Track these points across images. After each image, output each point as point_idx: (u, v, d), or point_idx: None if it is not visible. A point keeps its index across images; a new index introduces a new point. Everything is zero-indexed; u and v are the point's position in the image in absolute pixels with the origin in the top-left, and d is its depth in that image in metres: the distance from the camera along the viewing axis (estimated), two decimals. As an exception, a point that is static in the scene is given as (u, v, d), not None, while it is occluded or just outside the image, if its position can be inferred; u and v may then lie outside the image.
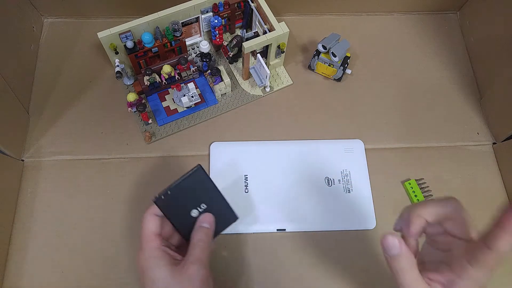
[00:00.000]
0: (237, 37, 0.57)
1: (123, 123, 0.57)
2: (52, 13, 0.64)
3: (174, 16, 0.55)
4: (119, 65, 0.55)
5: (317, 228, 0.52)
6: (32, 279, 0.48)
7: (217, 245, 0.51)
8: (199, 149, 0.56)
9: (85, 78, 0.60)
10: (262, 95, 0.60)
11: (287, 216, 0.52)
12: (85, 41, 0.63)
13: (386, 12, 0.68)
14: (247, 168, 0.54)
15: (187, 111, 0.58)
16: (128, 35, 0.53)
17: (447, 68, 0.64)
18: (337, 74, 0.60)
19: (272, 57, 0.59)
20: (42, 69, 0.60)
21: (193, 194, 0.41)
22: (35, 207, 0.52)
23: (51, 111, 0.58)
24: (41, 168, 0.54)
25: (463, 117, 0.60)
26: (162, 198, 0.39)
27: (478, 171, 0.57)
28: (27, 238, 0.50)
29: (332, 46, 0.58)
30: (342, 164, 0.55)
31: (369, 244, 0.52)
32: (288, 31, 0.54)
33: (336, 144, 0.57)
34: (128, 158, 0.55)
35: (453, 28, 0.68)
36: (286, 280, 0.49)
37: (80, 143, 0.56)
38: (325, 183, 0.54)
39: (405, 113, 0.60)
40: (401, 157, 0.57)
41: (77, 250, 0.50)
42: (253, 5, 0.57)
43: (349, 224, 0.52)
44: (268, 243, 0.51)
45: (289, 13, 0.67)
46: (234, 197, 0.52)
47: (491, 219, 0.29)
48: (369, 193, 0.54)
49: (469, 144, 0.59)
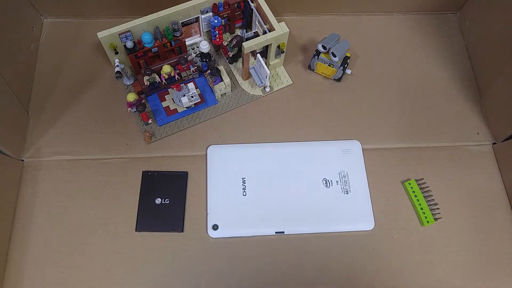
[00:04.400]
0: (237, 37, 0.57)
1: (123, 123, 0.57)
2: (52, 13, 0.64)
3: (174, 16, 0.55)
4: (119, 65, 0.55)
5: (315, 230, 0.52)
6: (32, 279, 0.48)
7: (216, 249, 0.51)
8: (199, 149, 0.56)
9: (85, 78, 0.60)
10: (262, 95, 0.60)
11: (285, 219, 0.52)
12: (85, 41, 0.63)
13: (386, 12, 0.68)
14: (245, 171, 0.54)
15: (187, 111, 0.58)
16: (128, 35, 0.53)
17: (447, 68, 0.64)
18: (337, 74, 0.60)
19: (272, 57, 0.59)
20: (42, 69, 0.60)
21: (167, 187, 0.53)
22: (35, 207, 0.52)
23: (51, 111, 0.58)
24: (41, 168, 0.54)
25: (463, 117, 0.60)
26: (149, 174, 0.53)
27: (478, 171, 0.57)
28: (27, 238, 0.50)
29: (332, 46, 0.58)
30: (340, 165, 0.55)
31: (368, 245, 0.52)
32: (288, 31, 0.54)
33: (333, 145, 0.57)
34: (128, 158, 0.55)
35: (453, 28, 0.68)
36: (285, 283, 0.49)
37: (80, 143, 0.56)
38: (323, 184, 0.54)
39: (405, 113, 0.60)
40: (401, 157, 0.57)
41: (77, 250, 0.50)
42: (253, 5, 0.57)
43: (348, 226, 0.52)
44: (267, 246, 0.51)
45: (289, 13, 0.67)
46: (232, 201, 0.53)
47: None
48: (367, 194, 0.54)
49: (469, 144, 0.59)
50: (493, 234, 0.53)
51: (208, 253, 0.50)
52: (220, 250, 0.51)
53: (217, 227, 0.51)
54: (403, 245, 0.52)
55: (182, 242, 0.51)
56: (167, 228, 0.51)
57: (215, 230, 0.51)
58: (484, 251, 0.52)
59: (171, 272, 0.49)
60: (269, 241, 0.51)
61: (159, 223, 0.51)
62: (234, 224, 0.51)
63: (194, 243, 0.51)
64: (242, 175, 0.54)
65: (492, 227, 0.53)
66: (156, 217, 0.52)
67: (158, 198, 0.53)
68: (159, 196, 0.53)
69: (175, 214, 0.52)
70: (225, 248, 0.51)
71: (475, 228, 0.53)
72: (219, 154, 0.55)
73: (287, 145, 0.57)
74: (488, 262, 0.51)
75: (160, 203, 0.52)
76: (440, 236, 0.52)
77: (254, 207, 0.52)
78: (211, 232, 0.51)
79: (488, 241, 0.52)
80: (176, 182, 0.53)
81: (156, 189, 0.53)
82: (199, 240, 0.51)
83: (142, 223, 0.51)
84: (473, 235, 0.53)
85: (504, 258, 0.52)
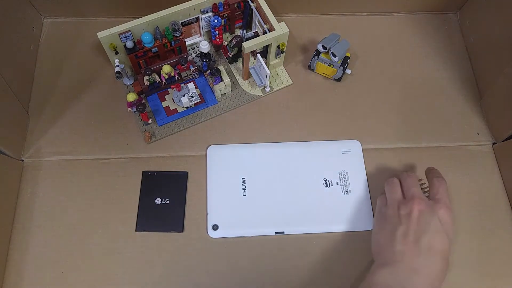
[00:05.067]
0: (237, 37, 0.57)
1: (123, 123, 0.57)
2: (52, 13, 0.64)
3: (174, 16, 0.55)
4: (119, 65, 0.55)
5: (315, 230, 0.52)
6: (32, 279, 0.48)
7: (216, 249, 0.51)
8: (199, 149, 0.56)
9: (85, 78, 0.60)
10: (262, 95, 0.60)
11: (285, 219, 0.52)
12: (85, 41, 0.63)
13: (386, 12, 0.68)
14: (244, 171, 0.54)
15: (187, 111, 0.58)
16: (128, 35, 0.53)
17: (447, 68, 0.64)
18: (337, 74, 0.60)
19: (272, 57, 0.59)
20: (42, 69, 0.60)
21: (167, 187, 0.53)
22: (35, 207, 0.52)
23: (51, 111, 0.58)
24: (41, 168, 0.54)
25: (463, 117, 0.60)
26: (149, 174, 0.53)
27: (478, 171, 0.57)
28: (27, 238, 0.50)
29: (332, 46, 0.58)
30: (340, 165, 0.55)
31: (368, 245, 0.52)
32: (288, 31, 0.54)
33: (333, 145, 0.57)
34: (128, 158, 0.55)
35: (453, 28, 0.68)
36: (285, 283, 0.49)
37: (80, 143, 0.56)
38: (323, 184, 0.54)
39: (405, 113, 0.60)
40: (400, 157, 0.57)
41: (77, 250, 0.50)
42: (253, 5, 0.57)
43: (348, 226, 0.52)
44: (267, 246, 0.51)
45: (289, 13, 0.67)
46: (231, 201, 0.53)
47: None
48: (367, 194, 0.54)
49: (469, 144, 0.59)
50: (493, 234, 0.53)
51: (208, 253, 0.50)
52: (220, 250, 0.51)
53: (217, 227, 0.51)
54: (403, 245, 0.52)
55: (182, 242, 0.51)
56: (167, 228, 0.51)
57: (215, 230, 0.51)
58: (484, 251, 0.52)
59: (171, 272, 0.49)
60: (269, 241, 0.51)
61: (159, 223, 0.51)
62: (234, 224, 0.51)
63: (194, 243, 0.51)
64: (242, 175, 0.54)
65: (492, 227, 0.53)
66: (156, 217, 0.52)
67: (158, 198, 0.53)
68: (159, 196, 0.53)
69: (175, 214, 0.52)
70: (225, 248, 0.51)
71: (475, 228, 0.53)
72: (219, 154, 0.55)
73: (287, 145, 0.57)
74: (488, 262, 0.51)
75: (160, 203, 0.52)
76: (440, 236, 0.52)
77: (254, 207, 0.52)
78: (211, 232, 0.51)
79: (488, 241, 0.52)
80: (176, 182, 0.53)
81: (156, 189, 0.53)
82: (199, 240, 0.51)
83: (142, 223, 0.51)
84: (473, 235, 0.53)
85: (504, 258, 0.52)
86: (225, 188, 0.53)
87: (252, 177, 0.54)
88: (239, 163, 0.55)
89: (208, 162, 0.55)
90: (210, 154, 0.55)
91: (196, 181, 0.54)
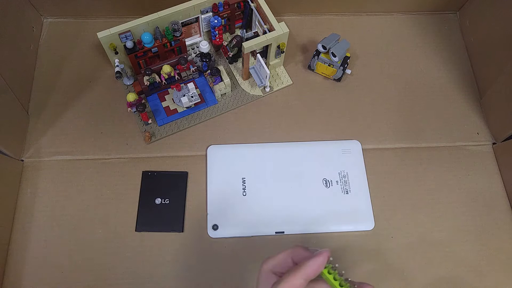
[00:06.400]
0: (237, 37, 0.57)
1: (123, 123, 0.57)
2: (51, 13, 0.64)
3: (174, 16, 0.55)
4: (118, 65, 0.55)
5: (315, 230, 0.52)
6: (32, 279, 0.48)
7: (216, 249, 0.51)
8: (199, 149, 0.56)
9: (85, 78, 0.60)
10: (262, 95, 0.60)
11: (286, 219, 0.52)
12: (84, 41, 0.63)
13: (386, 12, 0.68)
14: (245, 171, 0.54)
15: (186, 111, 0.58)
16: (128, 35, 0.53)
17: (447, 68, 0.64)
18: (337, 74, 0.60)
19: (272, 57, 0.59)
20: (41, 69, 0.60)
21: (167, 187, 0.53)
22: (34, 207, 0.52)
23: (51, 111, 0.58)
24: (40, 168, 0.54)
25: (463, 117, 0.60)
26: (149, 174, 0.53)
27: (478, 171, 0.57)
28: (27, 238, 0.50)
29: (332, 46, 0.58)
30: (340, 165, 0.55)
31: (368, 245, 0.52)
32: (288, 31, 0.54)
33: (333, 145, 0.57)
34: (127, 158, 0.55)
35: (453, 28, 0.68)
36: (285, 280, 0.49)
37: (80, 143, 0.56)
38: (323, 184, 0.54)
39: (405, 113, 0.60)
40: (401, 157, 0.57)
41: (77, 250, 0.50)
42: (253, 5, 0.57)
43: (348, 226, 0.52)
44: (267, 246, 0.51)
45: (289, 13, 0.67)
46: (232, 201, 0.52)
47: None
48: (367, 194, 0.54)
49: (469, 144, 0.59)
50: (493, 234, 0.53)
51: (208, 253, 0.50)
52: (220, 250, 0.51)
53: (217, 227, 0.51)
54: (403, 245, 0.52)
55: (182, 242, 0.51)
56: (167, 228, 0.51)
57: (215, 230, 0.51)
58: (484, 251, 0.52)
59: (171, 272, 0.49)
60: (269, 241, 0.51)
61: (159, 223, 0.51)
62: (234, 224, 0.51)
63: (194, 243, 0.51)
64: (242, 175, 0.54)
65: (492, 227, 0.53)
66: (156, 217, 0.52)
67: (158, 198, 0.53)
68: (159, 196, 0.53)
69: (175, 214, 0.52)
70: (225, 248, 0.51)
71: (475, 228, 0.53)
72: (219, 154, 0.55)
73: (287, 145, 0.57)
74: (488, 262, 0.51)
75: (160, 203, 0.52)
76: (440, 236, 0.52)
77: (254, 207, 0.52)
78: (211, 232, 0.51)
79: (488, 241, 0.52)
80: (176, 182, 0.54)
81: (156, 189, 0.53)
82: (199, 240, 0.51)
83: (142, 223, 0.51)
84: (473, 235, 0.53)
85: (504, 258, 0.52)
86: (225, 188, 0.53)
87: (252, 177, 0.54)
88: (239, 163, 0.55)
89: (208, 162, 0.55)
90: (210, 154, 0.55)
91: (196, 181, 0.54)
